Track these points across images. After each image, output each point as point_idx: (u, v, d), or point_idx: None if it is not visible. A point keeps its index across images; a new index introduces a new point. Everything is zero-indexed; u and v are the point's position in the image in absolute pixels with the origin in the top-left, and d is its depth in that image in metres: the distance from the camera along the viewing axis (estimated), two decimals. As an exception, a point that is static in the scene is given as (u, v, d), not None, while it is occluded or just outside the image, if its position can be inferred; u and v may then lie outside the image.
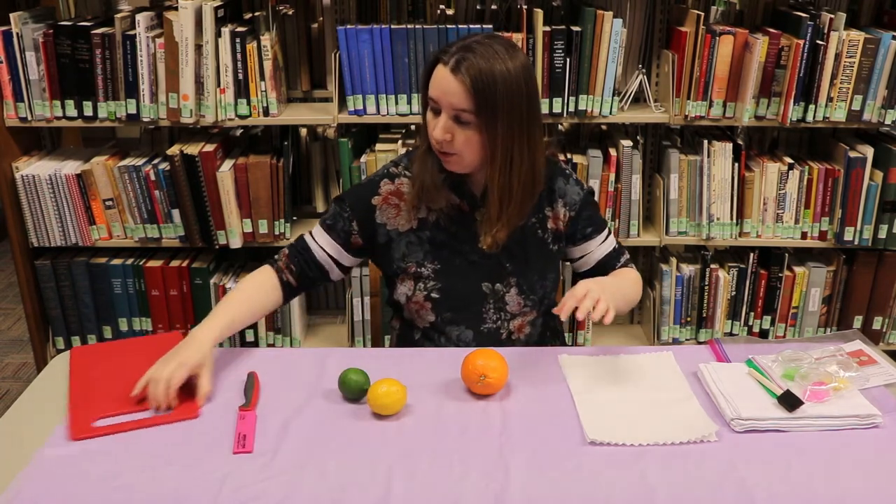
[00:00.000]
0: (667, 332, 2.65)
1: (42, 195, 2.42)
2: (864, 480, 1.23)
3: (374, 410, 1.38)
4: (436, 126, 1.49)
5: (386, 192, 1.65)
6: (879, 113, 2.35)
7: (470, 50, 1.46)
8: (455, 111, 1.47)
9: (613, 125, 2.63)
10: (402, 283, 1.67)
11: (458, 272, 1.65)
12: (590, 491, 1.20)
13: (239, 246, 2.51)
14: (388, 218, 1.65)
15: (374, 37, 2.32)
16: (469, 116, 1.47)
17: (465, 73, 1.44)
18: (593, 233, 1.70)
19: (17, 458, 1.28)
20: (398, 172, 1.67)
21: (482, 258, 1.65)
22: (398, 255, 1.66)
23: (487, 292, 1.66)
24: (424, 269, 1.64)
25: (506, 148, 1.49)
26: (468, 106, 1.45)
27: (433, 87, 1.49)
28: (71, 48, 2.30)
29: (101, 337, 2.61)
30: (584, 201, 1.68)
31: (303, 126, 2.70)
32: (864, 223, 2.45)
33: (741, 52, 2.32)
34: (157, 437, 1.33)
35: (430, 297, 1.65)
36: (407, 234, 1.65)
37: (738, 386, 1.44)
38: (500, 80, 1.45)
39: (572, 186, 1.68)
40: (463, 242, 1.65)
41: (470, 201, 1.63)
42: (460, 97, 1.45)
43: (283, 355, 1.62)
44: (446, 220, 1.63)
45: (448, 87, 1.46)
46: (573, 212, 1.68)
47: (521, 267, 1.66)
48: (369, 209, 1.65)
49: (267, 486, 1.21)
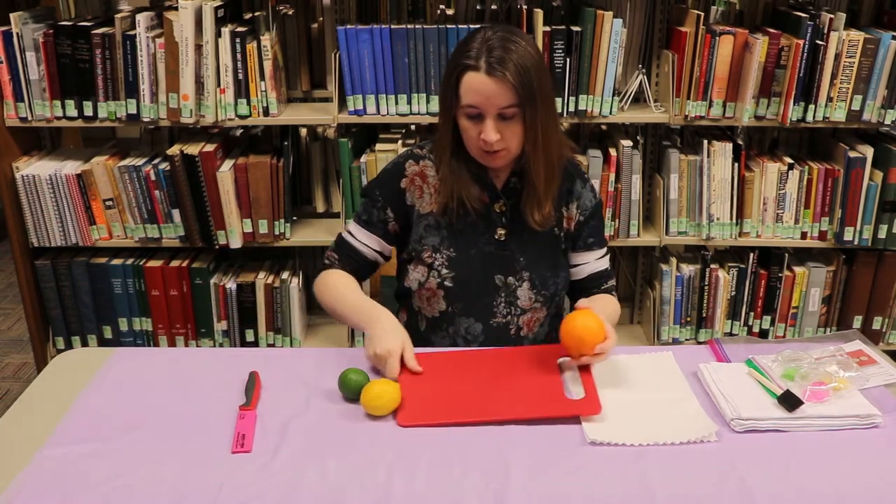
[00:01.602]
0: (667, 332, 2.65)
1: (42, 195, 2.42)
2: (864, 480, 1.23)
3: (368, 412, 1.38)
4: (483, 130, 1.52)
5: (412, 174, 1.68)
6: (879, 113, 2.35)
7: (495, 48, 1.49)
8: (500, 110, 1.50)
9: (613, 125, 2.63)
10: (416, 270, 1.68)
11: (472, 262, 1.66)
12: (590, 491, 1.20)
13: (239, 246, 2.51)
14: (415, 199, 1.68)
15: (374, 37, 2.32)
16: (513, 111, 1.51)
17: (505, 72, 1.47)
18: (594, 244, 1.73)
19: (17, 458, 1.28)
20: (423, 154, 1.70)
21: (497, 250, 1.66)
22: (415, 237, 1.68)
23: (500, 285, 1.67)
24: (439, 256, 1.66)
25: (544, 127, 1.54)
26: (513, 101, 1.49)
27: (471, 95, 1.50)
28: (71, 48, 2.30)
29: (101, 337, 2.61)
30: (594, 209, 1.72)
31: (303, 126, 2.70)
32: (864, 223, 2.45)
33: (741, 52, 2.32)
34: (157, 437, 1.33)
35: (443, 286, 1.66)
36: (426, 217, 1.67)
37: (738, 386, 1.44)
38: (532, 67, 1.50)
39: (588, 192, 1.71)
40: (480, 233, 1.66)
41: (491, 193, 1.66)
42: (504, 96, 1.48)
43: (283, 355, 1.62)
44: (466, 210, 1.65)
45: (489, 90, 1.48)
46: (583, 216, 1.70)
47: (535, 261, 1.67)
48: (399, 193, 1.68)
49: (267, 486, 1.21)
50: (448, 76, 1.54)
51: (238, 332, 2.61)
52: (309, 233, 2.59)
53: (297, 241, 2.56)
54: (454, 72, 1.52)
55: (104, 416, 1.39)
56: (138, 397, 1.44)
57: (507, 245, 1.66)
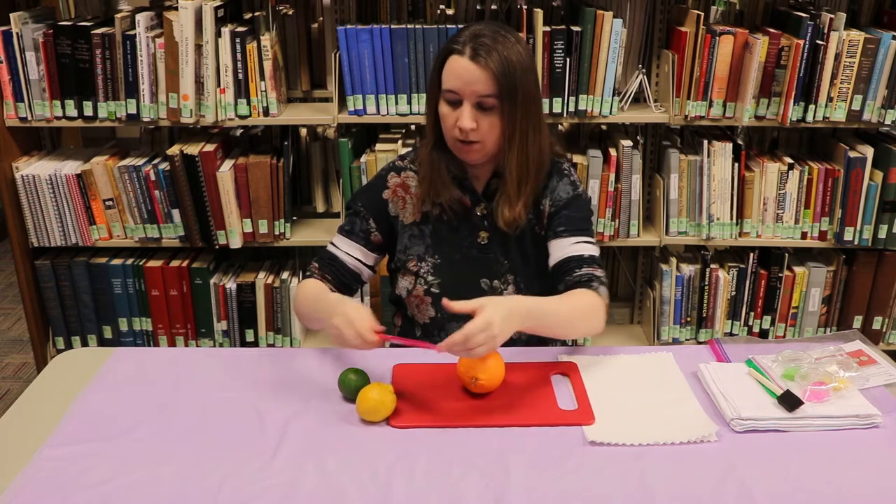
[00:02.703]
0: (667, 332, 2.65)
1: (42, 195, 2.42)
2: (864, 480, 1.23)
3: (362, 417, 1.37)
4: (459, 116, 1.51)
5: (394, 185, 1.69)
6: (879, 113, 2.35)
7: (483, 37, 1.49)
8: (479, 98, 1.50)
9: (613, 125, 2.63)
10: (403, 278, 1.69)
11: (457, 267, 1.66)
12: (590, 491, 1.20)
13: (239, 246, 2.51)
14: (398, 210, 1.68)
15: (374, 37, 2.32)
16: (492, 101, 1.50)
17: (487, 59, 1.47)
18: (564, 232, 1.62)
19: (17, 457, 1.28)
20: (404, 166, 1.70)
21: (481, 253, 1.66)
22: (400, 247, 1.69)
23: (486, 289, 1.67)
24: (424, 264, 1.66)
25: (523, 129, 1.53)
26: (492, 90, 1.49)
27: (452, 79, 1.51)
28: (71, 48, 2.30)
29: (101, 337, 2.61)
30: (570, 200, 1.65)
31: (303, 126, 2.70)
32: (864, 223, 2.45)
33: (741, 52, 2.32)
34: (157, 437, 1.33)
35: (430, 292, 1.67)
36: (410, 227, 1.68)
37: (738, 386, 1.44)
38: (516, 63, 1.49)
39: (564, 185, 1.66)
40: (463, 238, 1.66)
41: (472, 196, 1.65)
42: (484, 83, 1.48)
43: (283, 355, 1.62)
44: (449, 215, 1.65)
45: (470, 75, 1.48)
46: (554, 208, 1.65)
47: (520, 264, 1.67)
48: (382, 204, 1.68)
49: (267, 486, 1.21)
50: (435, 64, 1.55)
51: (238, 332, 2.61)
52: (309, 233, 2.60)
53: (297, 241, 2.56)
54: (440, 57, 1.53)
55: (104, 416, 1.39)
56: (138, 397, 1.44)
57: (490, 248, 1.66)
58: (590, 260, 1.60)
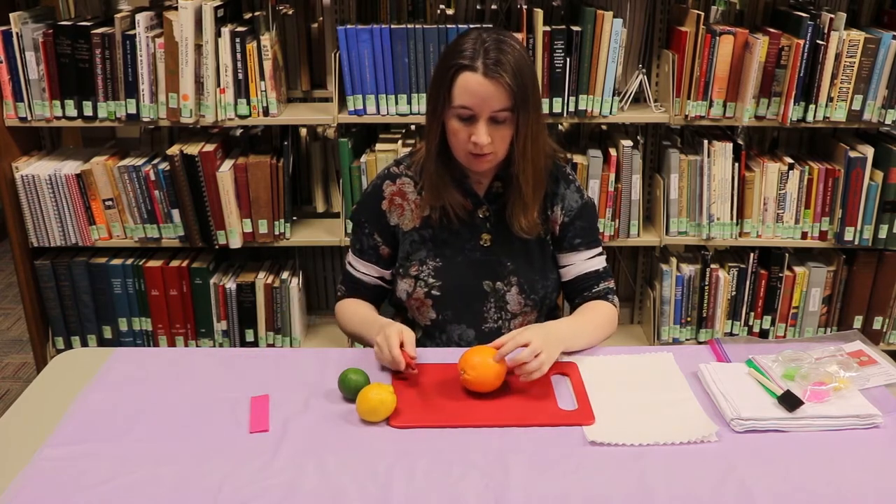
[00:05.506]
0: (667, 332, 2.65)
1: (42, 195, 2.41)
2: (865, 480, 1.23)
3: (362, 417, 1.37)
4: (474, 132, 1.50)
5: (390, 194, 1.68)
6: (879, 113, 2.35)
7: (491, 51, 1.48)
8: (493, 113, 1.49)
9: (613, 125, 2.63)
10: (403, 281, 1.69)
11: (459, 270, 1.66)
12: (590, 491, 1.20)
13: (239, 246, 2.51)
14: (397, 219, 1.68)
15: (374, 37, 2.32)
16: (506, 114, 1.50)
17: (501, 74, 1.46)
18: (581, 245, 1.69)
19: (17, 457, 1.28)
20: (399, 172, 1.69)
21: (483, 256, 1.66)
22: (402, 254, 1.69)
23: (488, 291, 1.67)
24: (425, 267, 1.66)
25: (533, 133, 1.53)
26: (507, 104, 1.48)
27: (466, 97, 1.49)
28: (71, 48, 2.30)
29: (101, 337, 2.61)
30: (580, 210, 1.69)
31: (303, 126, 2.70)
32: (865, 223, 2.45)
33: (741, 52, 2.32)
34: (157, 437, 1.33)
35: (431, 295, 1.66)
36: (411, 233, 1.68)
37: (738, 386, 1.44)
38: (526, 71, 1.50)
39: (572, 193, 1.69)
40: (465, 240, 1.66)
41: (473, 200, 1.65)
42: (500, 99, 1.48)
43: (283, 355, 1.62)
44: (449, 219, 1.65)
45: (486, 92, 1.47)
46: (567, 217, 1.68)
47: (523, 266, 1.67)
48: (382, 215, 1.69)
49: (267, 486, 1.21)
50: (440, 77, 1.52)
51: (238, 332, 2.61)
52: (309, 233, 2.59)
53: (297, 241, 2.55)
54: (448, 72, 1.50)
55: (104, 416, 1.39)
56: (138, 397, 1.44)
57: (492, 250, 1.66)
58: (604, 273, 1.72)
